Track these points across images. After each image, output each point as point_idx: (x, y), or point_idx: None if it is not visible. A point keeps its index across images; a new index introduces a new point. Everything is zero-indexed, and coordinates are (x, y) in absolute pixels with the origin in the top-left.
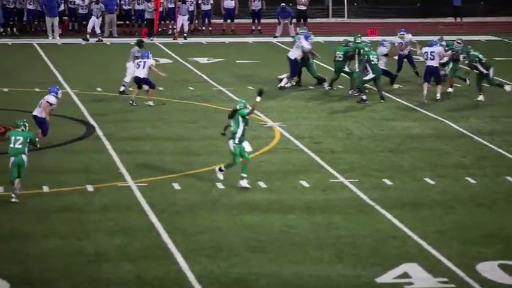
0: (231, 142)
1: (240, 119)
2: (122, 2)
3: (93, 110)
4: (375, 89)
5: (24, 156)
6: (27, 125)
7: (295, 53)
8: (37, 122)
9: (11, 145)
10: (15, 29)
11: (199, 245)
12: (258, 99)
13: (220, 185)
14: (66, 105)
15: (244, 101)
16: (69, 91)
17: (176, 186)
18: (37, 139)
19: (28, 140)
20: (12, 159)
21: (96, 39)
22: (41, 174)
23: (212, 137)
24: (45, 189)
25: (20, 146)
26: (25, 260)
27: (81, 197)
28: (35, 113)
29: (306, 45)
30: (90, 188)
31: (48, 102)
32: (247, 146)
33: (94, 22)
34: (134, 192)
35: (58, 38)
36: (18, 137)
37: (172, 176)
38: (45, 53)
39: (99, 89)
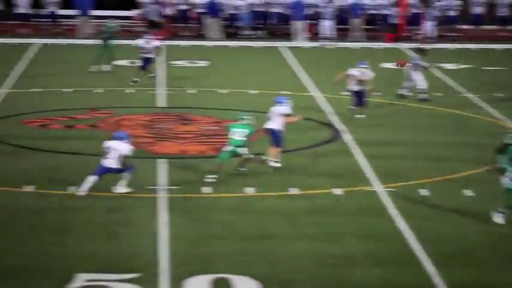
0: (505, 180)
1: None
2: (368, 7)
3: (340, 114)
4: None
5: (242, 149)
6: (250, 117)
7: None
8: (270, 133)
9: (232, 136)
10: (262, 32)
11: (448, 252)
12: None
13: (469, 192)
14: (313, 109)
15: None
16: (316, 95)
17: (425, 192)
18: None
19: (249, 134)
20: (228, 147)
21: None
22: (289, 176)
23: (463, 144)
24: (294, 191)
25: (241, 138)
26: (275, 261)
27: (329, 200)
28: (268, 125)
29: None
30: (338, 191)
31: (282, 114)
32: None
33: (329, 25)
34: (382, 197)
35: (304, 41)
36: (239, 130)
37: (421, 182)
38: (291, 57)
39: (345, 94)
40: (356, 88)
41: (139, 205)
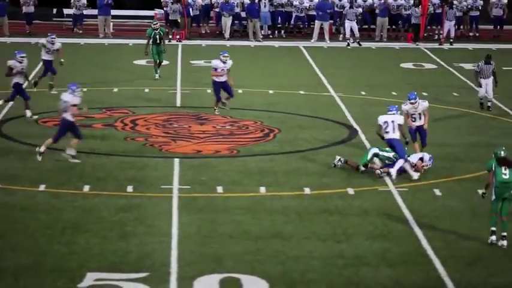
0: None
1: None
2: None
3: (356, 114)
4: None
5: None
6: None
7: None
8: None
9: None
10: (282, 32)
11: (459, 252)
12: None
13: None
14: (330, 108)
15: None
16: (334, 94)
17: (437, 192)
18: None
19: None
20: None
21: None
22: (303, 175)
23: (475, 144)
24: (307, 191)
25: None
26: (285, 260)
27: (342, 200)
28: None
29: None
30: (351, 191)
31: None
32: None
33: (350, 26)
34: (395, 197)
35: (327, 41)
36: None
37: (433, 182)
38: (312, 56)
39: (363, 93)
40: (417, 123)
41: (152, 204)
